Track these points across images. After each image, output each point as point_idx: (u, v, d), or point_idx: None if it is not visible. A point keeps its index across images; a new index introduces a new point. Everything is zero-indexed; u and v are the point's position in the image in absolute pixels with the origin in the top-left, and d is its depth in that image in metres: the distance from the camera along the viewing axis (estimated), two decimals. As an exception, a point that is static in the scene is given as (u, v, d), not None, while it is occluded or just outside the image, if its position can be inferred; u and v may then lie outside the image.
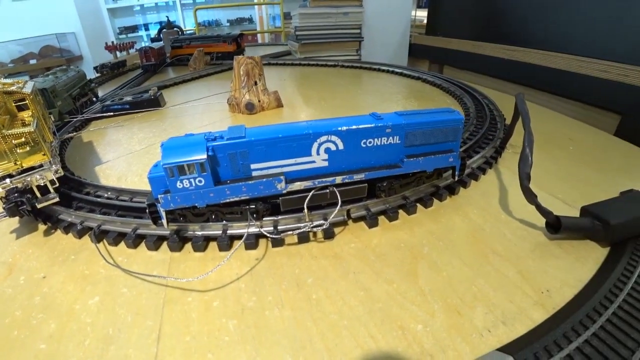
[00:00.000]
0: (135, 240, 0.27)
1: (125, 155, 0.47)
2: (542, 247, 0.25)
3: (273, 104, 0.60)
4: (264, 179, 0.25)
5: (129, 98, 0.67)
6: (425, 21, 1.15)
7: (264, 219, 0.27)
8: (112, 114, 0.65)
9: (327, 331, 0.20)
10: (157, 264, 0.26)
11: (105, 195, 0.35)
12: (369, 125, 0.25)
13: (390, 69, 0.89)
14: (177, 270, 0.25)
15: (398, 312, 0.21)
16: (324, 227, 0.27)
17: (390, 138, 0.26)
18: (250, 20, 2.46)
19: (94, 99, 0.73)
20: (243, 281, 0.24)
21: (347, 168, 0.27)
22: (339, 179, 0.27)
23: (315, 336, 0.20)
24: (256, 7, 2.24)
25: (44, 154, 0.32)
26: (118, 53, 1.22)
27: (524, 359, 0.17)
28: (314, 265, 0.25)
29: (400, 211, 0.30)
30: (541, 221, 0.26)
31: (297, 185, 0.26)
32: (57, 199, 0.32)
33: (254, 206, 0.26)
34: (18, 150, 0.31)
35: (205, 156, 0.22)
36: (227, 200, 0.25)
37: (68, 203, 0.33)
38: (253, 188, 0.25)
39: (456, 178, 0.32)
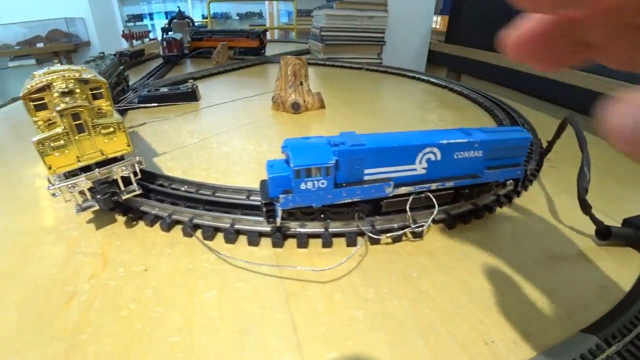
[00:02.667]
0: (234, 236, 0.28)
1: (180, 149, 0.46)
2: (592, 251, 0.29)
3: (317, 104, 0.60)
4: (376, 184, 0.26)
5: (165, 89, 0.67)
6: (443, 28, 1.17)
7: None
8: (150, 104, 0.64)
9: (444, 317, 0.22)
10: (264, 259, 0.26)
11: (182, 188, 0.34)
12: (464, 141, 0.28)
13: (416, 75, 0.91)
14: (288, 264, 0.26)
15: (495, 300, 0.23)
16: (425, 227, 0.28)
17: (476, 152, 0.29)
18: (260, 15, 2.45)
19: (126, 87, 0.72)
20: (355, 275, 0.25)
21: (441, 176, 0.28)
22: (434, 186, 0.28)
23: (435, 322, 0.22)
24: (267, 2, 2.23)
25: (128, 145, 0.32)
26: (134, 41, 1.20)
27: (604, 338, 0.20)
28: (412, 262, 0.27)
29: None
30: (588, 229, 0.30)
31: (402, 190, 0.27)
32: (140, 191, 0.32)
33: (363, 206, 0.27)
34: (105, 140, 0.31)
35: (333, 161, 0.24)
36: (342, 202, 0.26)
37: (145, 195, 0.33)
38: (366, 191, 0.26)
39: (519, 188, 0.34)
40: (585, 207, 0.29)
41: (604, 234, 0.29)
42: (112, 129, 0.30)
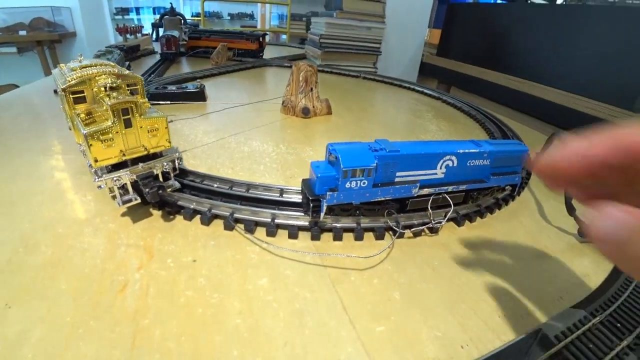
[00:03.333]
0: (275, 229, 0.30)
1: (200, 147, 0.48)
2: (575, 247, 0.34)
3: (324, 110, 0.63)
4: (406, 185, 0.29)
5: (173, 87, 0.67)
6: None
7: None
8: (158, 102, 0.64)
9: (465, 297, 0.26)
10: (305, 250, 0.29)
11: (215, 185, 0.36)
12: (476, 150, 0.33)
13: (411, 86, 0.96)
14: (327, 255, 0.29)
15: (502, 284, 0.28)
16: (442, 223, 0.32)
17: (485, 160, 0.34)
18: (252, 16, 2.45)
19: (130, 84, 0.72)
20: (387, 264, 0.29)
21: (456, 180, 0.33)
22: (450, 188, 0.33)
23: (458, 301, 0.26)
24: (259, 4, 2.24)
25: (168, 141, 0.33)
26: (128, 36, 1.18)
27: (590, 312, 0.25)
28: (432, 253, 0.31)
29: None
30: (571, 228, 0.36)
31: (425, 191, 0.31)
32: (179, 186, 0.33)
33: (392, 205, 0.31)
34: (149, 136, 0.32)
35: (375, 164, 0.27)
36: (376, 200, 0.29)
37: (180, 190, 0.34)
38: (397, 191, 0.30)
39: (515, 192, 0.39)
40: (571, 210, 0.34)
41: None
42: (156, 125, 0.32)
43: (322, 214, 0.29)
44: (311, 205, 0.28)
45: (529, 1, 1.21)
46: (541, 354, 0.21)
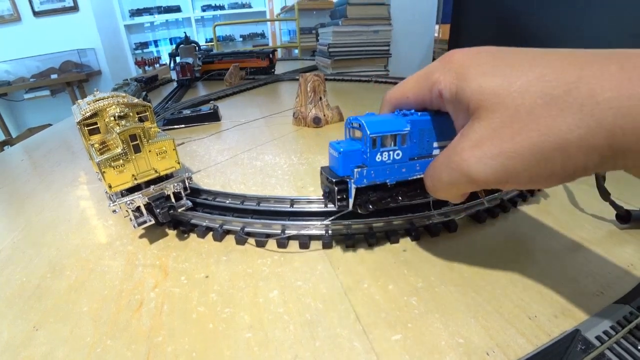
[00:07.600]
0: (286, 240, 0.30)
1: (213, 166, 0.49)
2: (614, 234, 0.30)
3: (336, 118, 0.63)
4: None
5: (187, 111, 0.70)
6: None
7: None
8: (175, 127, 0.67)
9: (489, 298, 0.24)
10: (316, 259, 0.28)
11: (227, 201, 0.37)
12: None
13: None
14: (339, 263, 0.28)
15: (532, 282, 0.25)
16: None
17: None
18: (263, 35, 2.53)
19: (149, 112, 0.76)
20: (403, 268, 0.27)
21: None
22: None
23: (482, 302, 0.23)
24: (268, 22, 2.31)
25: (177, 162, 0.34)
26: (146, 67, 1.25)
27: (637, 307, 0.22)
28: (451, 252, 0.29)
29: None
30: (608, 215, 0.32)
31: None
32: (190, 205, 0.34)
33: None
34: (158, 159, 0.33)
35: (408, 128, 0.22)
36: (416, 177, 0.24)
37: (192, 208, 0.35)
38: None
39: None
40: (605, 195, 0.31)
41: (624, 217, 0.31)
42: (164, 148, 0.33)
43: (350, 200, 0.23)
44: (336, 189, 0.22)
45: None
46: (580, 357, 0.19)
